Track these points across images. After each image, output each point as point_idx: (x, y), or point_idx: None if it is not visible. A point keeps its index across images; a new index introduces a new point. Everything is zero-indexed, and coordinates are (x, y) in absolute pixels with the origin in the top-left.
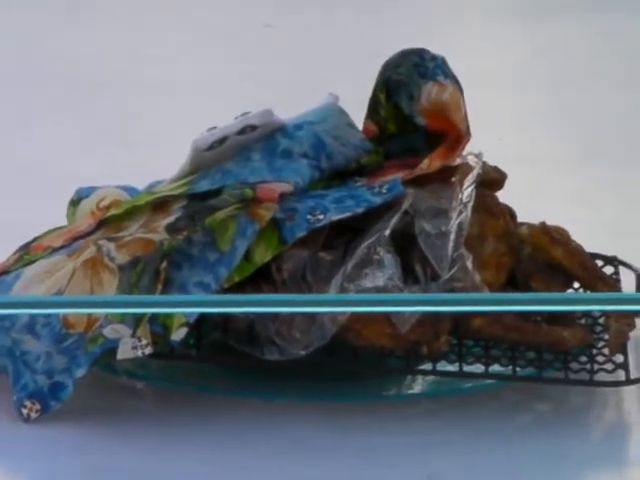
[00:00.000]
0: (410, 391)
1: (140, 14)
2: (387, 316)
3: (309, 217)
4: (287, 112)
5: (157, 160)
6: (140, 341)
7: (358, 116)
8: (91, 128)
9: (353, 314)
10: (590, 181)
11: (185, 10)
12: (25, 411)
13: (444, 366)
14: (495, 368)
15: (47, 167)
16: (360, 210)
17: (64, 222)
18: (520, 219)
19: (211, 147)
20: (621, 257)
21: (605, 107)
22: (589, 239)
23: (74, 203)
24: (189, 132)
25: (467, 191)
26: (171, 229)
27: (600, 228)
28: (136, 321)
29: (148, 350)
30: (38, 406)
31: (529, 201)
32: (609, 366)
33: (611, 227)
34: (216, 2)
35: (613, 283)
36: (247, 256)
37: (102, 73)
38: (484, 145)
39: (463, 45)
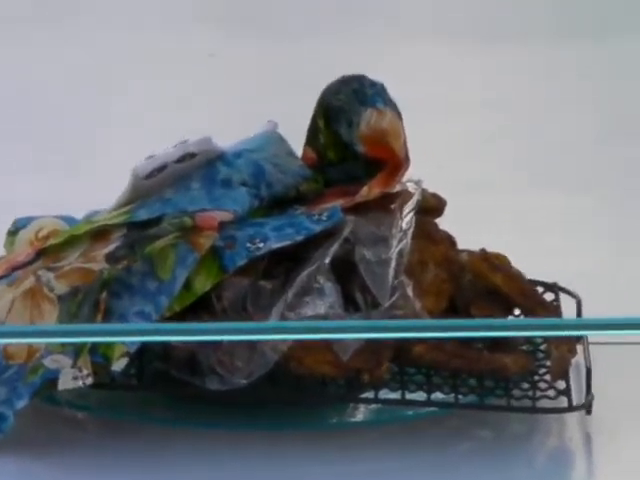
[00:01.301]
0: (352, 419)
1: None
2: (328, 344)
3: (249, 245)
4: (227, 139)
5: (95, 187)
6: (81, 371)
7: (297, 144)
8: (26, 155)
9: (294, 342)
10: (530, 208)
11: (131, 36)
12: None
13: (386, 394)
14: (437, 395)
15: None
16: (300, 238)
17: (1, 252)
18: (460, 246)
19: (150, 175)
20: (561, 284)
21: (544, 134)
22: (529, 266)
23: (11, 233)
24: (128, 161)
25: (407, 218)
26: (111, 258)
27: (540, 255)
28: (76, 351)
29: (89, 380)
30: None
31: (469, 228)
32: (551, 393)
33: (551, 254)
34: (162, 28)
35: (554, 309)
36: (187, 285)
37: (37, 98)
38: (423, 172)
39: (406, 70)
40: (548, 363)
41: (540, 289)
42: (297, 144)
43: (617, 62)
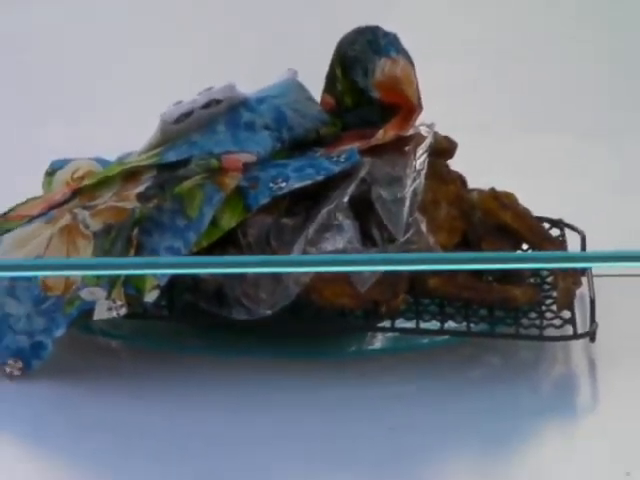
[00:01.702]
0: (370, 347)
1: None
2: (347, 276)
3: (272, 185)
4: (250, 86)
5: (126, 133)
6: (115, 303)
7: (316, 90)
8: (65, 103)
9: (315, 275)
10: (536, 149)
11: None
12: (8, 369)
13: (402, 323)
14: (450, 325)
15: (15, 137)
16: (320, 178)
17: (40, 192)
18: (470, 185)
19: (178, 120)
20: (566, 220)
21: (550, 79)
22: (536, 204)
23: (49, 174)
24: (156, 107)
25: (420, 159)
26: (142, 197)
27: (546, 193)
28: (111, 284)
29: (123, 311)
30: (20, 364)
31: (479, 168)
32: (557, 322)
33: (557, 192)
34: None
35: (559, 244)
36: (214, 222)
37: (61, 43)
38: (436, 116)
39: (414, 22)
40: (554, 294)
41: (546, 225)
42: (316, 91)
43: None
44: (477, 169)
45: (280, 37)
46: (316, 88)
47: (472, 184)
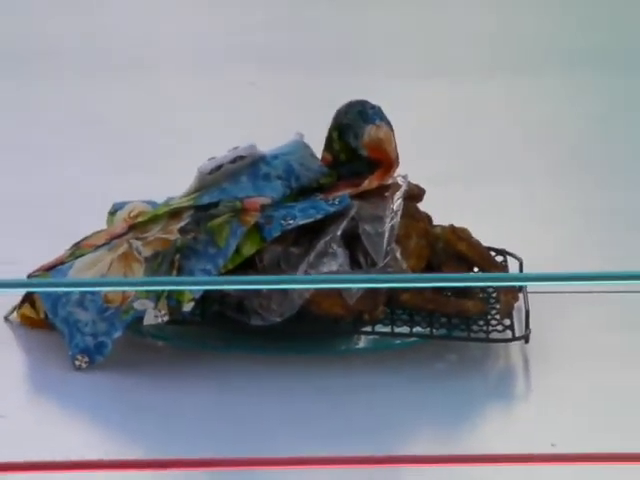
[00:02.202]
0: (356, 347)
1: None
2: (339, 292)
3: (282, 222)
4: (266, 146)
5: (171, 182)
6: (160, 312)
7: (318, 149)
8: (121, 159)
9: (314, 291)
10: (484, 195)
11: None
12: (77, 363)
13: (380, 328)
14: (417, 329)
15: (87, 186)
16: (319, 216)
17: (104, 227)
18: (435, 222)
19: (211, 172)
20: (508, 249)
21: (490, 139)
22: (485, 236)
23: (111, 213)
24: (194, 162)
25: (397, 202)
26: (182, 231)
27: (492, 228)
28: (157, 297)
29: (166, 318)
30: (87, 359)
31: (442, 209)
32: (500, 327)
33: (500, 227)
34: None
35: (503, 268)
36: (237, 250)
37: (127, 118)
38: (408, 169)
39: (396, 101)
40: (498, 306)
41: (493, 253)
42: (317, 149)
43: None
44: (440, 210)
45: (290, 109)
46: (317, 147)
47: (436, 221)
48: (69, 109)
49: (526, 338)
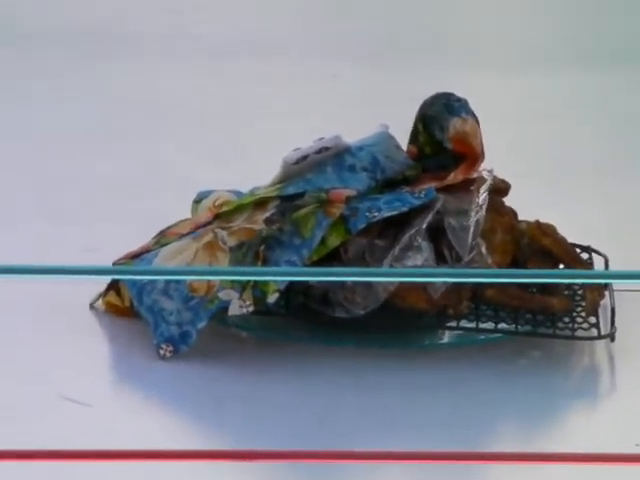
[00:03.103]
0: (440, 342)
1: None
2: (424, 286)
3: (367, 214)
4: (352, 137)
5: (257, 172)
6: (245, 302)
7: (403, 141)
8: (206, 148)
9: (399, 284)
10: (569, 189)
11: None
12: (162, 352)
13: (465, 324)
14: (502, 325)
15: (179, 174)
16: (405, 209)
17: (189, 215)
18: (520, 217)
19: (296, 162)
20: (593, 246)
21: (578, 135)
22: (571, 233)
23: (196, 202)
24: (280, 152)
25: (482, 196)
26: (268, 221)
27: (578, 225)
28: (242, 288)
29: (251, 309)
30: (171, 348)
31: (527, 204)
32: (585, 325)
33: (586, 224)
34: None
35: (588, 265)
36: (322, 241)
37: (210, 107)
38: (494, 163)
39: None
40: (583, 304)
41: (578, 250)
42: (403, 142)
43: None
44: (526, 205)
45: (375, 100)
46: (403, 140)
47: (521, 216)
48: (159, 94)
49: (612, 336)
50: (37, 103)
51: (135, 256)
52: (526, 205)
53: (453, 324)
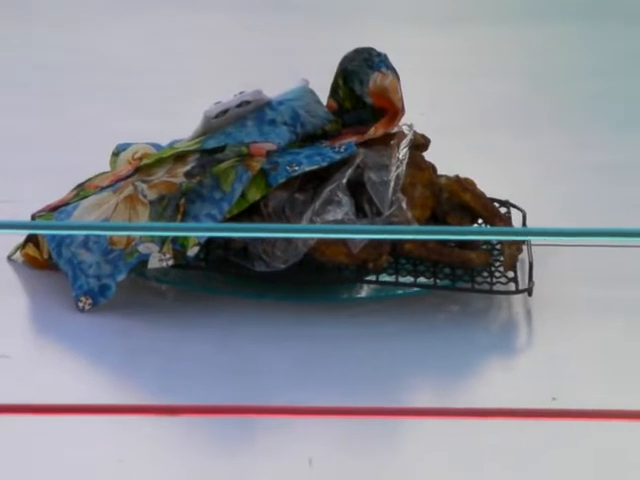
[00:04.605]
0: (359, 295)
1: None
2: (344, 240)
3: (288, 168)
4: (272, 92)
5: (176, 125)
6: (165, 255)
7: (322, 95)
8: (124, 100)
9: (319, 238)
10: (488, 144)
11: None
12: (81, 304)
13: (384, 277)
14: (421, 280)
15: (97, 127)
16: (325, 164)
17: (107, 168)
18: (440, 172)
19: (217, 116)
20: (511, 201)
21: (499, 91)
22: (489, 187)
23: (115, 154)
24: (201, 106)
25: (403, 151)
26: (188, 175)
27: (496, 179)
28: (162, 241)
29: (170, 262)
30: (90, 301)
31: (446, 159)
32: (503, 280)
33: (504, 178)
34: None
35: (506, 220)
36: (243, 195)
37: (130, 60)
38: (413, 118)
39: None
40: (502, 258)
41: (497, 204)
42: (322, 96)
43: None
44: (445, 160)
45: (296, 54)
46: (322, 94)
47: (441, 171)
48: (79, 48)
49: (529, 291)
50: None
51: (54, 208)
52: (446, 160)
53: (372, 278)
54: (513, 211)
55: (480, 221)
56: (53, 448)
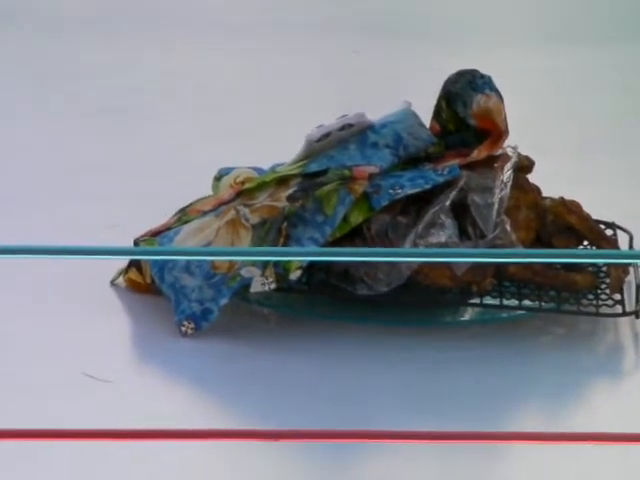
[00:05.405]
0: (463, 318)
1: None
2: (447, 263)
3: (390, 191)
4: (375, 115)
5: (280, 148)
6: (267, 279)
7: (426, 118)
8: (228, 125)
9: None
10: (593, 166)
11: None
12: (183, 329)
13: (488, 300)
14: (526, 302)
15: (198, 151)
16: (428, 186)
17: (210, 193)
18: (544, 194)
19: (319, 139)
20: (618, 223)
21: (602, 110)
22: (595, 210)
23: (217, 179)
24: (303, 130)
25: (507, 174)
26: (290, 198)
27: (602, 201)
28: (264, 265)
29: (273, 286)
30: (193, 325)
31: (551, 182)
32: (610, 302)
33: (610, 200)
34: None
35: (612, 242)
36: (345, 219)
37: (232, 85)
38: (518, 140)
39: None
40: (608, 280)
41: (603, 227)
42: (426, 119)
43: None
44: (549, 182)
45: (400, 76)
46: (426, 116)
47: (545, 193)
48: (175, 74)
49: (637, 313)
50: (54, 81)
51: (157, 233)
52: (550, 182)
53: (476, 301)
54: (620, 233)
55: (586, 243)
56: (156, 474)
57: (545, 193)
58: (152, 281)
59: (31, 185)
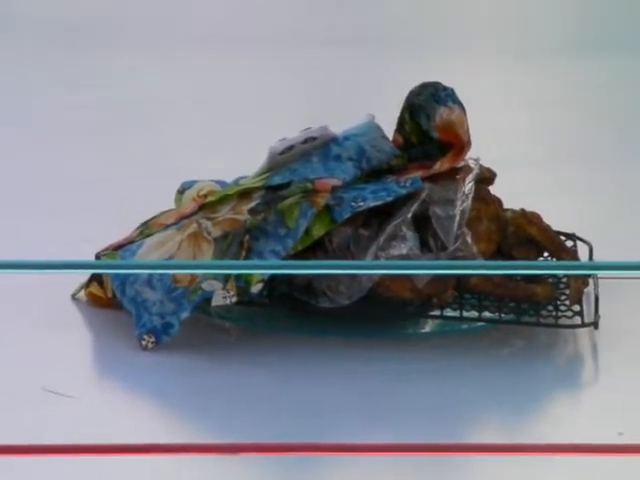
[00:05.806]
0: (424, 330)
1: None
2: (408, 275)
3: (353, 204)
4: (339, 127)
5: (241, 162)
6: (229, 292)
7: (389, 130)
8: (189, 139)
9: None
10: (555, 178)
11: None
12: (144, 343)
13: (449, 312)
14: (486, 314)
15: (161, 165)
16: (390, 198)
17: (172, 206)
18: (506, 206)
19: (282, 152)
20: (578, 234)
21: (562, 124)
22: (555, 221)
23: (180, 192)
24: (266, 143)
25: (468, 185)
26: (252, 212)
27: (562, 213)
28: (226, 278)
29: (234, 299)
30: (153, 339)
31: (512, 193)
32: (569, 313)
33: (570, 212)
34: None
35: (573, 253)
36: (307, 231)
37: (193, 99)
38: (480, 152)
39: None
40: (567, 292)
41: (563, 238)
42: (389, 130)
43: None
44: (511, 194)
45: (362, 89)
46: (389, 128)
47: (507, 205)
48: (142, 86)
49: (595, 324)
50: (36, 89)
51: (119, 247)
52: (512, 194)
53: (437, 313)
54: (580, 244)
55: (546, 254)
56: None
57: (506, 205)
58: (113, 295)
59: None
